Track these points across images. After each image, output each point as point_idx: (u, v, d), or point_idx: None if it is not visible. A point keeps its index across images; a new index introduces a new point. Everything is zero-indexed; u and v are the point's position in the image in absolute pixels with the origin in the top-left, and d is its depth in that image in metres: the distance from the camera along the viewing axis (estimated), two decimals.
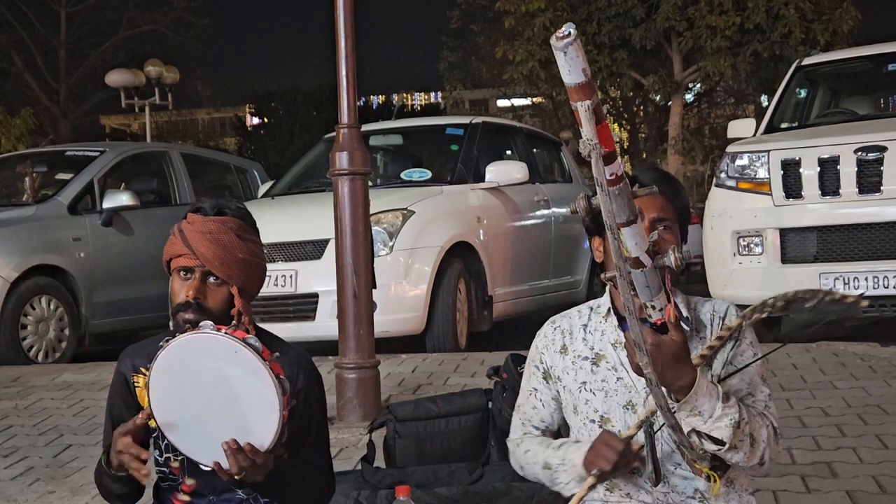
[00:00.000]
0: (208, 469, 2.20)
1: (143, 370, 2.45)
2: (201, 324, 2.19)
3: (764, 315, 2.24)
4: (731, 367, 2.29)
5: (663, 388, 2.07)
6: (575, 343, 2.43)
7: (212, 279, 2.38)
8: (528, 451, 2.46)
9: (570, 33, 1.62)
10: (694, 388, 2.09)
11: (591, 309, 2.48)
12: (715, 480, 2.22)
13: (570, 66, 1.65)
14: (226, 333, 2.14)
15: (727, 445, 2.13)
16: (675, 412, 2.11)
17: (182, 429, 2.20)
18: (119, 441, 2.24)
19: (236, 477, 2.17)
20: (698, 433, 2.13)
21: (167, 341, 2.19)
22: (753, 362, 2.30)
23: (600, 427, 2.34)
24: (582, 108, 1.69)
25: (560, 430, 2.52)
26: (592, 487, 2.26)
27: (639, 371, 2.07)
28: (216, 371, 2.14)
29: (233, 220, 2.43)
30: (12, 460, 4.82)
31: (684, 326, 2.19)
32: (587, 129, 1.71)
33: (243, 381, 2.13)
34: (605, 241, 2.38)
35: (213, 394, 2.15)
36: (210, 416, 2.16)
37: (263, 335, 2.41)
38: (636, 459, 2.23)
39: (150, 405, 2.21)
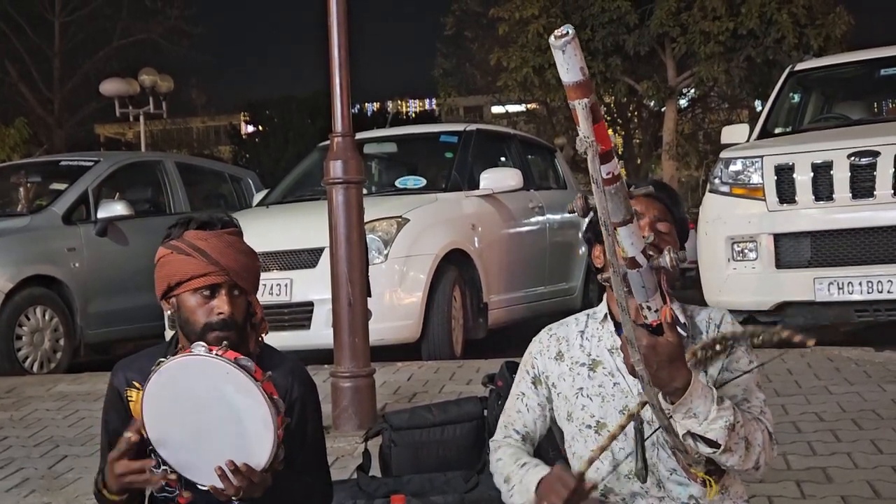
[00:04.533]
0: (204, 488, 2.20)
1: (135, 384, 2.44)
2: (192, 345, 2.19)
3: (707, 354, 2.25)
4: (727, 374, 2.30)
5: (657, 389, 2.07)
6: (572, 350, 2.44)
7: (235, 291, 2.35)
8: (499, 460, 2.47)
9: (568, 32, 1.67)
10: (689, 390, 2.09)
11: (588, 316, 2.49)
12: (711, 485, 2.22)
13: (569, 65, 1.68)
14: (217, 355, 2.14)
15: (722, 448, 2.13)
16: (670, 415, 2.11)
17: (178, 449, 2.20)
18: (117, 465, 2.23)
19: (234, 498, 2.17)
20: (693, 435, 2.14)
21: (159, 364, 2.19)
22: (750, 371, 2.30)
23: (596, 433, 2.35)
24: (579, 105, 1.72)
25: (542, 440, 2.53)
26: None
27: (633, 371, 2.07)
28: (210, 392, 2.14)
29: (237, 229, 2.43)
30: (8, 471, 4.81)
31: (681, 331, 2.20)
32: (584, 127, 1.73)
33: (237, 401, 2.13)
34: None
35: (207, 415, 2.16)
36: (205, 436, 2.17)
37: (263, 347, 2.42)
38: (588, 496, 2.21)
39: (143, 426, 2.21)
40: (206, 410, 2.16)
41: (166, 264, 2.38)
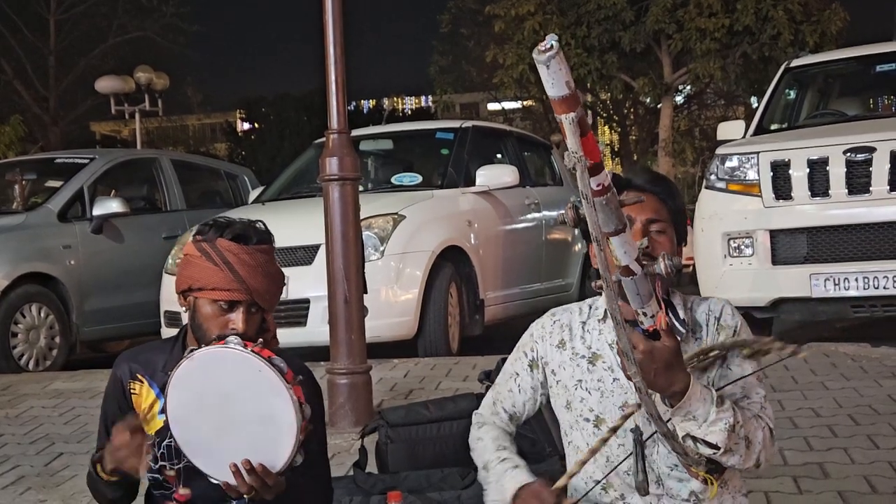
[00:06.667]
0: (216, 482, 2.19)
1: (139, 376, 2.44)
2: (228, 338, 2.17)
3: (703, 363, 2.26)
4: (728, 371, 2.29)
5: (655, 396, 2.07)
6: (574, 340, 2.43)
7: (253, 309, 2.33)
8: (479, 440, 2.48)
9: (552, 46, 1.61)
10: (688, 394, 2.09)
11: (591, 307, 2.47)
12: (712, 483, 2.22)
13: (554, 79, 1.64)
14: (252, 351, 2.13)
15: (722, 449, 2.13)
16: (668, 419, 2.11)
17: (196, 440, 2.18)
18: (117, 437, 2.22)
19: (245, 497, 2.17)
20: (693, 438, 2.13)
21: (192, 351, 2.17)
22: (750, 375, 2.29)
23: (595, 426, 2.35)
24: (566, 120, 1.69)
25: (539, 435, 2.53)
26: None
27: (630, 378, 2.07)
28: (239, 387, 2.13)
29: (271, 246, 2.40)
30: (4, 469, 4.81)
31: (680, 329, 2.20)
32: (572, 142, 1.70)
33: (265, 400, 2.11)
34: None
35: (232, 409, 2.14)
36: (227, 430, 2.15)
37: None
38: None
39: (166, 413, 2.20)
40: (231, 405, 2.14)
41: (192, 265, 2.34)
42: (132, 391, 2.44)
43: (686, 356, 2.20)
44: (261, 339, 2.24)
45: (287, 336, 6.35)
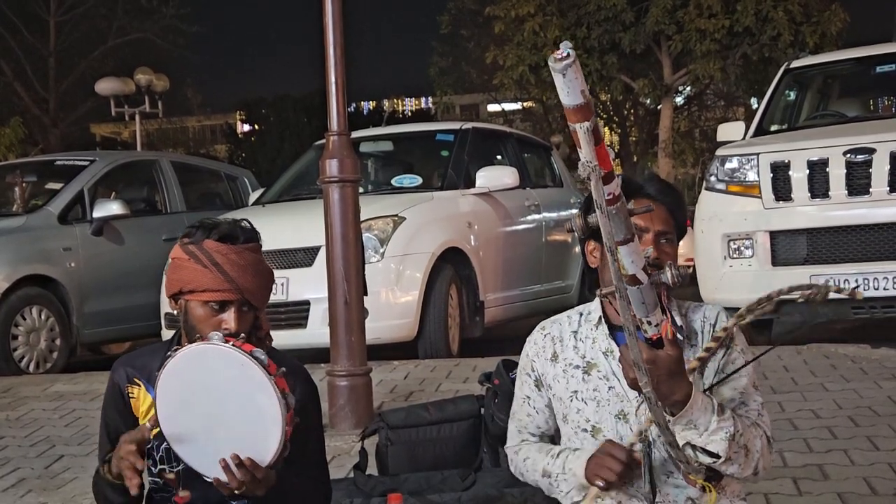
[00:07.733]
0: (209, 480, 2.20)
1: (136, 380, 2.44)
2: (210, 334, 2.18)
3: (752, 317, 2.24)
4: (723, 376, 2.29)
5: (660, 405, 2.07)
6: (566, 351, 2.43)
7: (245, 308, 2.34)
8: (527, 459, 2.47)
9: (568, 54, 1.60)
10: (690, 403, 2.09)
11: (581, 315, 2.47)
12: (710, 491, 2.22)
13: (569, 88, 1.64)
14: (233, 346, 2.14)
15: (723, 458, 2.13)
16: (670, 426, 2.11)
17: (185, 438, 2.19)
18: (122, 447, 2.23)
19: (236, 491, 2.17)
20: (693, 446, 2.13)
21: (175, 350, 2.18)
22: (745, 366, 2.30)
23: (592, 437, 2.34)
24: (581, 129, 1.68)
25: (557, 434, 2.53)
26: (598, 498, 2.26)
27: (636, 387, 2.07)
28: (223, 382, 2.14)
29: (258, 244, 2.40)
30: (4, 472, 4.81)
31: (678, 336, 2.20)
32: (586, 151, 1.69)
33: (248, 394, 2.12)
34: (600, 245, 2.38)
35: (218, 405, 2.15)
36: (214, 427, 2.16)
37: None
38: (638, 467, 2.23)
39: (155, 413, 2.21)
40: (217, 400, 2.15)
41: (181, 268, 2.34)
42: (130, 395, 2.45)
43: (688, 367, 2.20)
44: (243, 335, 2.24)
45: (287, 338, 6.41)
